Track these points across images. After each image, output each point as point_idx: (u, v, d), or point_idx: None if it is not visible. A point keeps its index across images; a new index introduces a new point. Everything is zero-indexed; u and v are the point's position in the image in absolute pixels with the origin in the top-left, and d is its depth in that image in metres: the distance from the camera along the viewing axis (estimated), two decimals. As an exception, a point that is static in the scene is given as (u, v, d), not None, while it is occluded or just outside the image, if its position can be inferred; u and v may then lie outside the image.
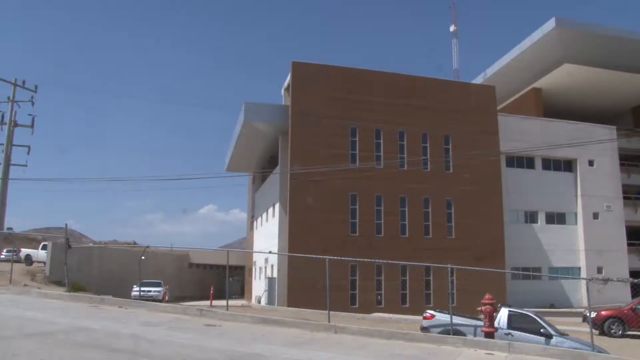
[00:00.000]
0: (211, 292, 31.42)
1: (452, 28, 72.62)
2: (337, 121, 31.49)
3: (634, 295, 27.86)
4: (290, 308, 26.68)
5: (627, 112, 52.70)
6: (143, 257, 22.78)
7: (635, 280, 16.50)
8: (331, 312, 15.02)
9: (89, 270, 39.52)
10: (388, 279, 30.79)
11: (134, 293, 30.03)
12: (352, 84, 32.39)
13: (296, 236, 29.72)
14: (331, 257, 14.88)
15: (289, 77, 32.92)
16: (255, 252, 40.01)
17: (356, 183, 31.10)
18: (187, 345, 9.67)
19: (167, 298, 35.16)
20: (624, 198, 42.15)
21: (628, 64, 43.93)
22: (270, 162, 39.30)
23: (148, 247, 23.16)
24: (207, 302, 30.12)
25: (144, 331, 11.11)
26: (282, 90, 36.77)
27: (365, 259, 22.53)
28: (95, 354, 8.43)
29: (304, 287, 27.49)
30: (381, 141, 32.34)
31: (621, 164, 43.30)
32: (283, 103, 35.23)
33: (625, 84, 46.37)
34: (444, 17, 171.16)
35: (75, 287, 22.62)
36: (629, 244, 41.27)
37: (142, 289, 29.92)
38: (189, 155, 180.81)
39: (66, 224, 25.22)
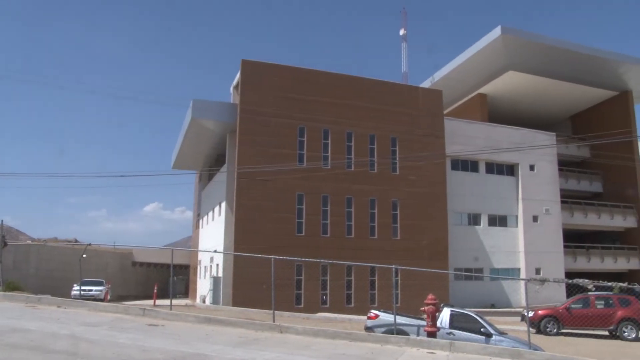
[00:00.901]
0: (155, 291, 30.93)
1: (401, 32, 73.59)
2: (286, 121, 31.47)
3: (568, 295, 28.87)
4: (236, 308, 26.54)
5: (566, 120, 54.80)
6: (84, 255, 22.24)
7: (570, 281, 17.12)
8: (276, 312, 15.04)
9: (26, 269, 38.34)
10: (333, 279, 30.97)
11: (74, 292, 29.30)
12: (301, 84, 32.44)
13: (242, 235, 29.55)
14: (277, 257, 14.89)
15: (238, 75, 32.71)
16: (201, 250, 39.58)
17: (303, 183, 31.17)
18: (128, 346, 9.52)
19: (109, 297, 34.45)
20: (562, 202, 43.63)
21: (569, 74, 45.62)
22: (217, 161, 38.95)
23: (90, 244, 22.53)
24: (151, 302, 29.66)
25: (84, 331, 10.86)
26: (231, 89, 36.49)
27: (311, 259, 22.62)
28: (32, 356, 8.19)
29: (250, 287, 27.40)
30: (329, 142, 32.49)
31: (560, 170, 44.80)
32: (232, 101, 34.98)
33: (565, 93, 48.16)
34: (395, 21, 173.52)
35: (11, 287, 21.91)
36: (565, 246, 42.78)
37: (83, 288, 29.25)
38: (136, 151, 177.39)
39: (1, 220, 24.35)
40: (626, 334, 21.50)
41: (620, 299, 22.87)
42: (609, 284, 18.79)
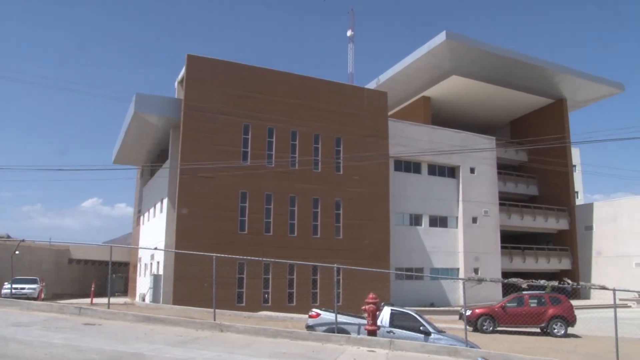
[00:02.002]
0: (92, 289, 30.14)
1: (349, 33, 74.07)
2: (231, 118, 31.20)
3: (504, 294, 29.82)
4: (176, 306, 26.15)
5: (506, 125, 56.55)
6: (17, 252, 21.47)
7: (506, 281, 17.76)
8: (217, 311, 14.90)
9: (-49, 267, 36.69)
10: (276, 278, 30.91)
11: (4, 291, 28.28)
12: (247, 81, 32.22)
13: (184, 233, 29.14)
14: (219, 255, 14.77)
15: (183, 70, 32.21)
16: (141, 248, 38.79)
17: (247, 181, 30.98)
18: (62, 346, 9.22)
19: (42, 296, 33.34)
20: (500, 204, 44.91)
21: (509, 81, 47.10)
22: (160, 156, 38.27)
23: (23, 240, 21.76)
24: (88, 300, 28.86)
25: (15, 332, 10.46)
26: (176, 83, 35.93)
27: (254, 258, 22.53)
28: (-46, 360, 7.86)
29: (191, 285, 27.06)
30: (274, 140, 32.40)
31: (499, 173, 46.12)
32: (177, 96, 34.43)
33: (506, 98, 49.69)
34: (343, 22, 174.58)
35: None
36: (502, 247, 44.09)
37: (15, 286, 28.19)
38: (77, 145, 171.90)
39: None
40: (556, 330, 22.45)
41: (552, 297, 23.80)
42: (542, 283, 19.52)
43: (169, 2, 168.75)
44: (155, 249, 29.89)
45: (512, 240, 48.46)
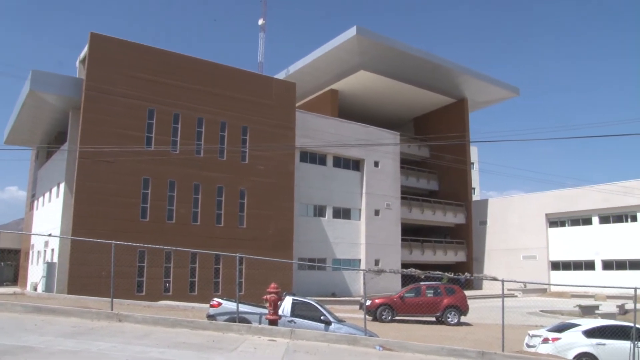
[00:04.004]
0: (-23, 277, 28.32)
1: (260, 22, 73.35)
2: (135, 101, 30.14)
3: (403, 285, 30.84)
4: (71, 296, 25.07)
5: (410, 121, 58.38)
6: None
7: (404, 271, 18.38)
8: (116, 300, 14.46)
9: None
10: (177, 266, 30.30)
11: None
12: (154, 64, 31.22)
13: (82, 219, 27.92)
14: (118, 242, 14.26)
15: (86, 49, 30.74)
16: (34, 234, 36.87)
17: (150, 167, 30.12)
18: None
19: None
20: (402, 198, 46.31)
21: (415, 79, 48.62)
22: (58, 138, 36.38)
23: None
24: (-28, 289, 27.14)
25: None
26: (78, 62, 34.29)
27: (155, 246, 21.99)
28: None
29: (88, 274, 26.02)
30: (179, 126, 31.64)
31: (401, 167, 47.53)
32: (78, 76, 32.86)
33: (411, 95, 51.27)
34: (255, 10, 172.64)
35: None
36: (402, 239, 45.53)
37: None
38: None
39: None
40: (450, 319, 23.61)
41: (447, 288, 24.96)
42: (439, 274, 20.42)
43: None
44: (50, 235, 28.45)
45: (412, 233, 50.21)
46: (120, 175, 29.18)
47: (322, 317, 13.97)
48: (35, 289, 30.89)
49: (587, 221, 48.69)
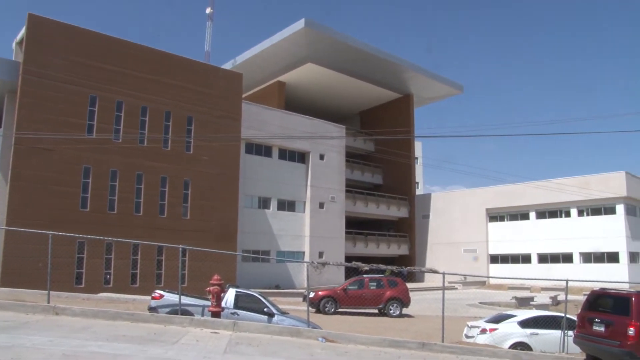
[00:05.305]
0: None
1: (208, 10, 72.23)
2: (76, 87, 29.18)
3: (347, 278, 31.15)
4: (4, 289, 24.08)
5: (356, 115, 58.86)
6: None
7: (348, 264, 18.56)
8: (53, 293, 14.04)
9: None
10: (118, 258, 29.64)
11: None
12: (97, 50, 30.28)
13: (17, 208, 26.89)
14: (55, 233, 13.82)
15: (23, 30, 29.55)
16: (-35, 223, 35.36)
17: (91, 155, 29.27)
18: None
19: None
20: (346, 191, 46.68)
21: (362, 73, 48.99)
22: (-9, 124, 34.98)
23: None
24: None
25: None
26: (14, 44, 32.99)
27: (95, 236, 21.42)
28: None
29: (23, 266, 25.04)
30: (122, 114, 30.84)
31: (347, 161, 47.89)
32: (14, 58, 31.61)
33: (358, 89, 51.66)
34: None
35: None
36: (346, 232, 45.94)
37: None
38: None
39: None
40: (392, 311, 23.99)
41: (389, 280, 25.35)
42: (382, 267, 20.70)
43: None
44: (-19, 225, 27.34)
45: (356, 226, 50.67)
46: (60, 163, 28.25)
47: (265, 309, 13.98)
48: (-34, 281, 29.65)
49: (525, 216, 50.33)
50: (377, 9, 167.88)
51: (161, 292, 14.37)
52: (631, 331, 10.88)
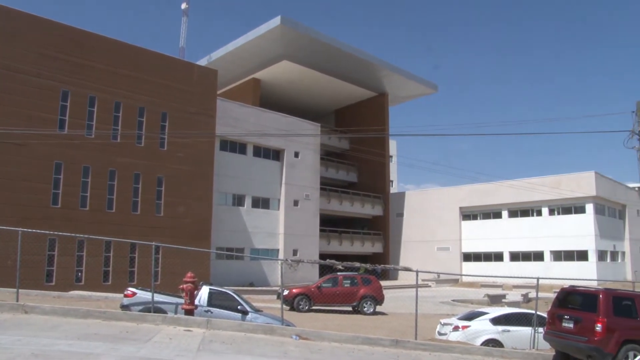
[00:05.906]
0: None
1: (183, 6, 71.75)
2: (48, 82, 28.69)
3: (321, 275, 31.15)
4: (-29, 286, 23.73)
5: (331, 113, 58.94)
6: None
7: (322, 262, 18.63)
8: (22, 291, 13.82)
9: None
10: (90, 255, 29.25)
11: None
12: (69, 44, 29.78)
13: (-15, 204, 26.43)
14: (25, 230, 13.60)
15: (-10, 23, 28.93)
16: None
17: (63, 151, 28.82)
18: None
19: None
20: (321, 189, 46.71)
21: (337, 71, 49.05)
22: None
23: None
24: None
25: None
26: (-18, 37, 32.32)
27: (66, 233, 21.10)
28: None
29: (-9, 262, 24.66)
30: (95, 110, 30.42)
31: (321, 159, 47.95)
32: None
33: (333, 88, 51.72)
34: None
35: None
36: (321, 230, 46.00)
37: None
38: None
39: None
40: (365, 309, 24.07)
41: (363, 278, 25.40)
42: (357, 265, 20.78)
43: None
44: (-51, 221, 26.75)
45: (330, 224, 50.77)
46: (30, 158, 27.77)
47: (239, 307, 13.95)
48: None
49: (498, 215, 50.93)
50: (355, 7, 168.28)
51: (134, 289, 14.26)
52: (598, 327, 11.09)
